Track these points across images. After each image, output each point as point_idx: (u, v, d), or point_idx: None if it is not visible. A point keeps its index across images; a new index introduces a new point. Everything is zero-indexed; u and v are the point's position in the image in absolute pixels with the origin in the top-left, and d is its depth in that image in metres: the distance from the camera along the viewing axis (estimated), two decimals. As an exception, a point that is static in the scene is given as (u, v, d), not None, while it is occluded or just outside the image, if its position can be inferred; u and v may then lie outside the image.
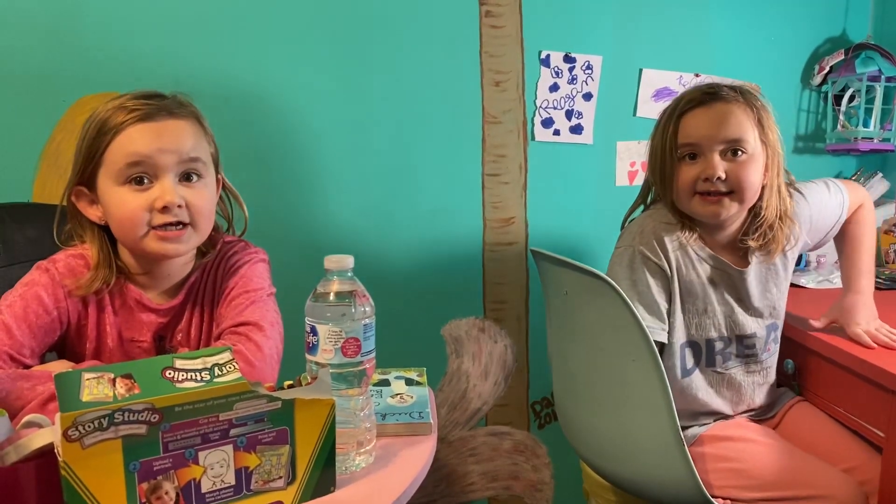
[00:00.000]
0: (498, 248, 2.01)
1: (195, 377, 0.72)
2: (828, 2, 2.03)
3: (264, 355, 1.02)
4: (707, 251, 1.39)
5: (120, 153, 1.01)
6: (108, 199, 1.04)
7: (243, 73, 1.78)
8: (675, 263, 1.36)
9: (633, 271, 1.37)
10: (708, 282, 1.39)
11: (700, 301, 1.39)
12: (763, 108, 1.34)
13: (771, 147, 1.34)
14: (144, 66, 1.72)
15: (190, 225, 1.05)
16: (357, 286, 0.87)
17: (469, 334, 2.01)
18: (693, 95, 1.35)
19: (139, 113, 1.02)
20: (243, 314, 1.06)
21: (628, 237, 1.42)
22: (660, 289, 1.37)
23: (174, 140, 1.03)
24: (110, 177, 1.03)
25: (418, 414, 0.98)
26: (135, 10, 1.70)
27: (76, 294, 1.05)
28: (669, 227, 1.38)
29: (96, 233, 1.08)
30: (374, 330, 0.87)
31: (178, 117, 1.06)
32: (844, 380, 1.40)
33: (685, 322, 1.40)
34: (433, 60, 1.87)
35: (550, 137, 1.97)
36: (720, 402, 1.44)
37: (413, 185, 1.92)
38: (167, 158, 1.02)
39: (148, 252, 1.05)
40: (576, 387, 1.52)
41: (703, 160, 1.32)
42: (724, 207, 1.32)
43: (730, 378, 1.44)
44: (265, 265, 1.17)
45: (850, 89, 1.94)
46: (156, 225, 1.02)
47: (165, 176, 1.03)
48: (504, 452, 2.04)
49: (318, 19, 1.79)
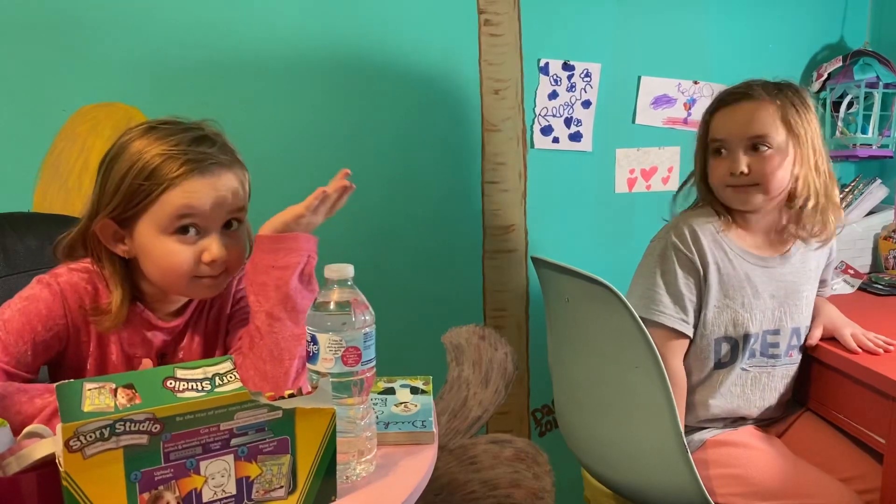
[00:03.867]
0: (498, 255, 2.01)
1: (196, 387, 0.72)
2: (825, 9, 2.04)
3: None
4: (744, 246, 1.43)
5: (172, 206, 0.98)
6: (152, 246, 1.01)
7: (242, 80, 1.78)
8: (710, 257, 1.39)
9: (663, 261, 1.40)
10: (745, 276, 1.41)
11: (738, 295, 1.41)
12: (798, 103, 1.39)
13: (802, 142, 1.38)
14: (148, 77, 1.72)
15: (226, 272, 1.04)
16: (357, 295, 0.87)
17: (469, 342, 2.01)
18: (724, 94, 1.43)
19: (194, 165, 0.99)
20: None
21: (664, 231, 1.46)
22: (688, 281, 1.39)
23: (227, 194, 1.02)
24: (156, 225, 1.00)
25: (420, 423, 0.98)
26: (138, 18, 1.71)
27: (97, 330, 1.04)
28: (707, 223, 1.42)
29: (117, 265, 1.05)
30: (374, 339, 0.87)
31: (229, 168, 1.03)
32: (846, 386, 1.40)
33: (722, 316, 1.41)
34: (432, 68, 1.88)
35: (550, 145, 1.98)
36: (741, 401, 1.45)
37: (413, 192, 1.93)
38: (219, 213, 1.01)
39: (187, 294, 1.06)
40: (578, 394, 1.52)
41: (730, 156, 1.40)
42: (751, 197, 1.39)
43: (755, 377, 1.44)
44: None
45: (849, 96, 1.94)
46: (200, 276, 1.02)
47: (214, 229, 1.02)
48: (505, 460, 2.03)
49: (316, 26, 1.80)
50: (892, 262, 1.92)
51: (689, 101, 2.02)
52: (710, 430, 1.44)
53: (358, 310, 0.85)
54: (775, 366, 1.45)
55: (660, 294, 1.39)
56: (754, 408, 1.46)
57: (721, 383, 1.43)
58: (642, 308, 1.38)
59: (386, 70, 1.86)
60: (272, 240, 1.00)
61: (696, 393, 1.44)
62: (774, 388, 1.46)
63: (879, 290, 1.80)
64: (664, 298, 1.39)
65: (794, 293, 1.44)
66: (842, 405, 1.42)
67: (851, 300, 1.75)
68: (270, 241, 1.00)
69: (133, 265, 1.06)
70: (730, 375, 1.42)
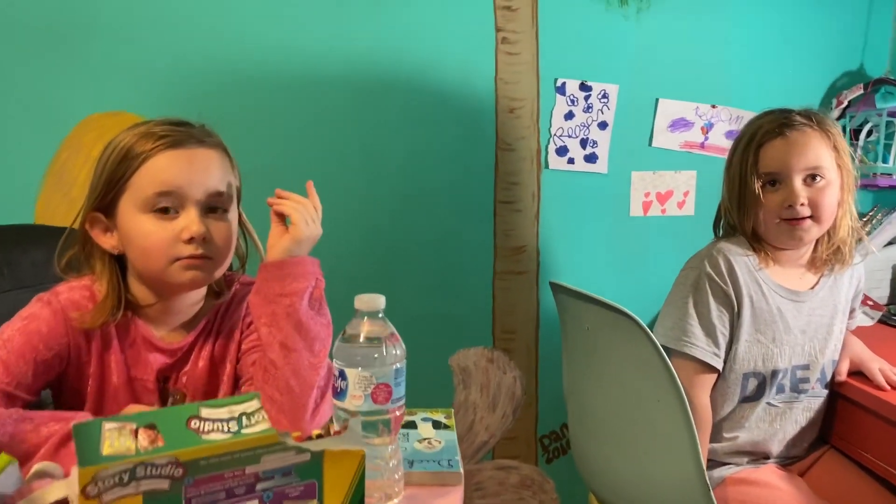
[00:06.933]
0: (508, 276, 1.97)
1: (222, 427, 0.68)
2: (846, 36, 2.02)
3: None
4: (778, 281, 1.39)
5: (148, 180, 0.97)
6: (131, 227, 0.98)
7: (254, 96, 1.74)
8: (745, 290, 1.36)
9: (696, 291, 1.36)
10: (777, 311, 1.38)
11: (769, 330, 1.37)
12: (837, 133, 1.38)
13: (845, 169, 1.37)
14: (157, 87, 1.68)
15: (211, 258, 1.00)
16: (388, 328, 0.83)
17: (477, 365, 1.96)
18: (770, 126, 1.38)
19: (169, 139, 0.98)
20: None
21: (697, 259, 1.41)
22: (721, 313, 1.35)
23: (204, 171, 0.99)
24: (134, 204, 0.98)
25: (447, 462, 0.93)
26: (148, 27, 1.67)
27: (80, 327, 0.99)
28: (741, 255, 1.38)
29: (107, 263, 1.03)
30: (404, 375, 0.83)
31: (208, 146, 1.02)
32: (873, 424, 1.36)
33: (752, 351, 1.37)
34: (448, 85, 1.85)
35: (565, 166, 1.94)
36: (766, 435, 1.41)
37: (424, 210, 1.89)
38: (195, 190, 0.98)
39: (170, 282, 1.00)
40: (594, 424, 1.48)
41: (785, 188, 1.36)
42: (806, 231, 1.36)
43: (781, 412, 1.41)
44: None
45: (869, 124, 1.92)
46: (180, 257, 0.98)
47: (191, 207, 0.98)
48: (510, 487, 1.98)
49: (331, 40, 1.76)
50: (910, 293, 1.89)
51: (706, 125, 1.99)
52: (731, 467, 1.40)
53: (389, 343, 0.81)
54: (801, 400, 1.41)
55: (692, 325, 1.35)
56: (777, 441, 1.42)
57: (746, 418, 1.39)
58: (673, 339, 1.35)
59: (400, 86, 1.82)
60: (277, 266, 0.97)
61: (720, 426, 1.40)
62: (797, 422, 1.43)
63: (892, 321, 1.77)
64: (696, 330, 1.35)
65: (825, 326, 1.41)
66: (868, 444, 1.38)
67: (871, 332, 1.71)
68: (275, 267, 0.97)
69: (126, 265, 1.04)
70: (755, 410, 1.39)
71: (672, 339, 1.35)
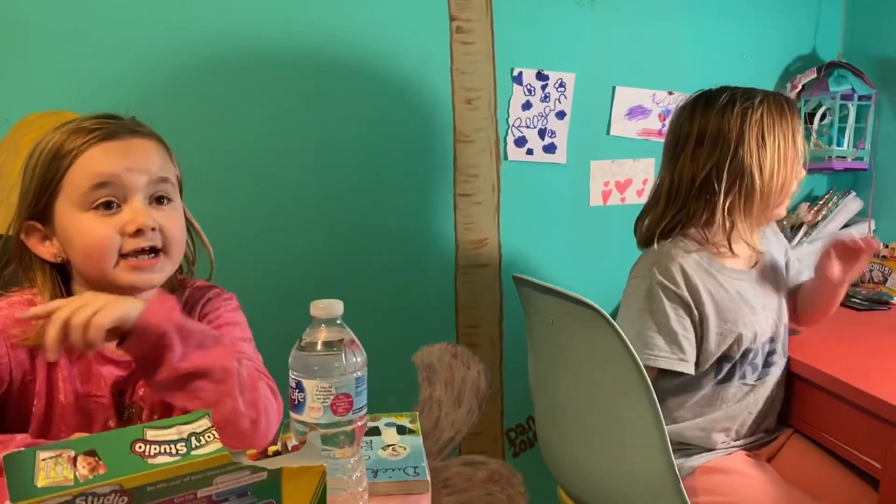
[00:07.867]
0: (471, 270, 1.94)
1: (170, 450, 0.63)
2: (798, 20, 2.03)
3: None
4: (731, 265, 1.39)
5: (82, 176, 0.91)
6: (71, 228, 0.92)
7: (198, 90, 1.68)
8: (701, 287, 1.34)
9: (651, 300, 1.34)
10: (738, 295, 1.37)
11: (735, 316, 1.36)
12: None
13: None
14: (94, 84, 1.61)
15: (163, 252, 0.95)
16: (347, 334, 0.79)
17: (441, 361, 1.93)
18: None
19: (101, 132, 0.92)
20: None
21: (644, 267, 1.39)
22: (680, 317, 1.33)
23: (142, 158, 0.94)
24: (72, 204, 0.92)
25: (413, 469, 0.90)
26: (84, 23, 1.59)
27: (24, 345, 0.93)
28: (688, 255, 1.36)
29: (48, 273, 0.97)
30: (366, 383, 0.79)
31: (142, 136, 0.97)
32: (835, 407, 1.36)
33: (725, 341, 1.36)
34: (403, 76, 1.80)
35: (523, 157, 1.92)
36: (740, 412, 1.40)
37: (382, 205, 1.85)
38: (136, 178, 0.93)
39: (118, 285, 0.93)
40: (562, 419, 1.46)
41: None
42: None
43: (756, 389, 1.41)
44: (241, 311, 1.08)
45: (823, 107, 1.93)
46: (127, 252, 0.92)
47: (135, 198, 0.93)
48: (478, 483, 1.96)
49: (284, 28, 1.71)
50: (869, 276, 1.91)
51: (663, 111, 1.98)
52: (701, 456, 1.39)
53: (349, 351, 0.77)
54: (771, 373, 1.42)
55: (652, 337, 1.33)
56: (752, 416, 1.41)
57: (721, 398, 1.39)
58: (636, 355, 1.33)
59: (354, 76, 1.77)
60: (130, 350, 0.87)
61: (694, 407, 1.39)
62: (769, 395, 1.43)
63: (857, 304, 1.79)
64: (658, 341, 1.33)
65: (776, 292, 1.45)
66: (831, 427, 1.39)
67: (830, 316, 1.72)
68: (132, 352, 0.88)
69: (69, 274, 0.98)
70: (729, 389, 1.39)
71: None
